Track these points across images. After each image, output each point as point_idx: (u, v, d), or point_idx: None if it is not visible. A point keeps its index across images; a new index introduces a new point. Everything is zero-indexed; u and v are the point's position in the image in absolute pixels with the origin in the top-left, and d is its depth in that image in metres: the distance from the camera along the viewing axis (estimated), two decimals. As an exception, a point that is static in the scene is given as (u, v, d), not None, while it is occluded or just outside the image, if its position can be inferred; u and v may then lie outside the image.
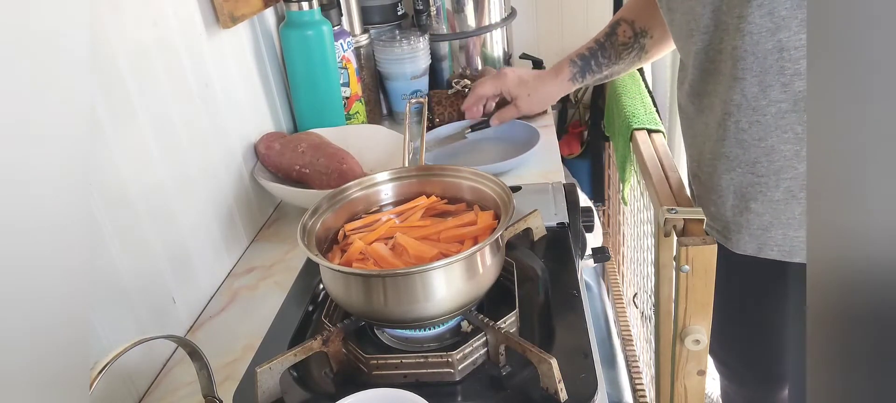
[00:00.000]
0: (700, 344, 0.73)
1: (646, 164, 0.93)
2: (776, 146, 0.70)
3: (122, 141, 0.69)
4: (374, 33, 1.34)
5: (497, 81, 1.11)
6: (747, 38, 0.66)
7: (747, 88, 0.69)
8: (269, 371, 0.57)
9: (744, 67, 0.68)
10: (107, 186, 0.66)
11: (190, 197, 0.82)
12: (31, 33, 0.29)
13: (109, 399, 0.64)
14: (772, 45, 0.65)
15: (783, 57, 0.65)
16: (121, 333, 0.66)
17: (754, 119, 0.70)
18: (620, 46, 0.95)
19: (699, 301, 0.71)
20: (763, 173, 0.72)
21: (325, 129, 1.08)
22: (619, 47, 0.95)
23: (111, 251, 0.66)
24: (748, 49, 0.67)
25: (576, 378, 0.55)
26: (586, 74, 1.00)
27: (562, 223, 0.80)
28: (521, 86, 1.08)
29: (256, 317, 0.78)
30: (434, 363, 0.58)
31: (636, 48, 0.94)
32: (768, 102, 0.68)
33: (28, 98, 0.29)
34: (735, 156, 0.74)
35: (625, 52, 0.96)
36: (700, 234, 0.71)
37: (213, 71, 0.90)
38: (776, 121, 0.69)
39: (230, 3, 0.93)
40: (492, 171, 0.78)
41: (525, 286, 0.70)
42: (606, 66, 0.98)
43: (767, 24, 0.64)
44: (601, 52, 0.97)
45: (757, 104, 0.69)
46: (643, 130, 1.09)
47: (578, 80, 1.01)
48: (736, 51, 0.68)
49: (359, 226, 0.69)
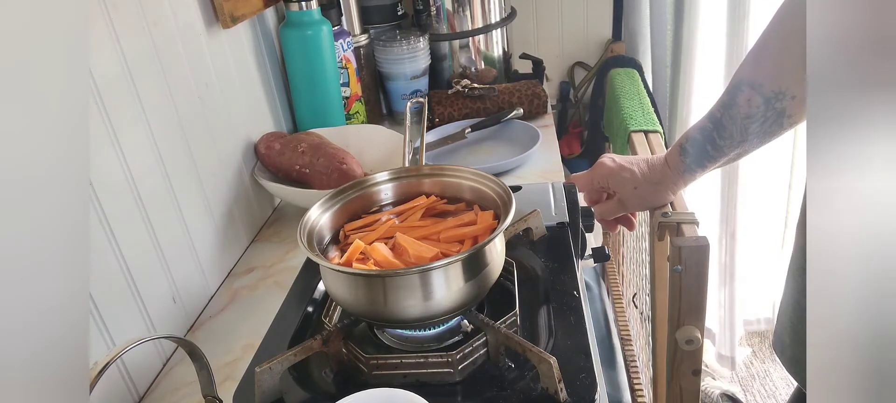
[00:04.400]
0: (694, 345, 0.73)
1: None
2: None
3: (123, 140, 0.69)
4: (374, 33, 1.34)
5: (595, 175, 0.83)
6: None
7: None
8: (269, 371, 0.57)
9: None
10: (107, 186, 0.66)
11: (190, 196, 0.82)
12: (32, 33, 0.29)
13: (109, 399, 0.64)
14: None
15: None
16: (121, 333, 0.66)
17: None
18: (745, 119, 0.67)
19: (692, 301, 0.71)
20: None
21: (325, 129, 1.08)
22: (744, 121, 0.67)
23: (111, 251, 0.66)
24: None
25: (576, 378, 0.56)
26: (705, 163, 0.72)
27: (562, 223, 0.80)
28: (626, 184, 0.80)
29: (256, 317, 0.78)
30: (434, 363, 0.58)
31: (771, 116, 0.65)
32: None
33: (28, 98, 0.29)
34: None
35: (754, 125, 0.67)
36: (693, 235, 0.71)
37: (213, 71, 0.90)
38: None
39: (230, 3, 0.93)
40: (492, 171, 0.78)
41: (525, 286, 0.70)
42: (730, 147, 0.69)
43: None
44: (718, 131, 0.69)
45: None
46: (640, 132, 1.09)
47: (695, 171, 0.74)
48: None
49: (359, 226, 0.69)
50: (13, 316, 0.28)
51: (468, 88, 1.27)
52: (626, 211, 0.80)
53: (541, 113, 1.28)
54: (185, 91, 0.82)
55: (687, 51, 1.43)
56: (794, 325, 0.74)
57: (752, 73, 0.66)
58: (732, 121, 0.68)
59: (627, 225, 0.85)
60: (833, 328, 0.34)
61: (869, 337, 0.33)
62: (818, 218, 0.34)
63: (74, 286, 0.31)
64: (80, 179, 0.32)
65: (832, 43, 0.34)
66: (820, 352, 0.35)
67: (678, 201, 0.78)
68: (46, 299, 0.30)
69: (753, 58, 0.66)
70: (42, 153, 0.29)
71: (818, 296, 0.35)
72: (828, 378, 0.34)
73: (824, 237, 0.34)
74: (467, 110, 1.25)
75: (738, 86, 0.67)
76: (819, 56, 0.34)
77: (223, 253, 0.89)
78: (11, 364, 0.28)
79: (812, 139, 0.35)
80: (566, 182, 0.88)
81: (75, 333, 0.31)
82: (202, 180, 0.85)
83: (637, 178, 0.77)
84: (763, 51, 0.65)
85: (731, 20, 1.36)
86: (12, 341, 0.28)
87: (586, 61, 1.73)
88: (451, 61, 1.39)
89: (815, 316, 0.35)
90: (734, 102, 0.67)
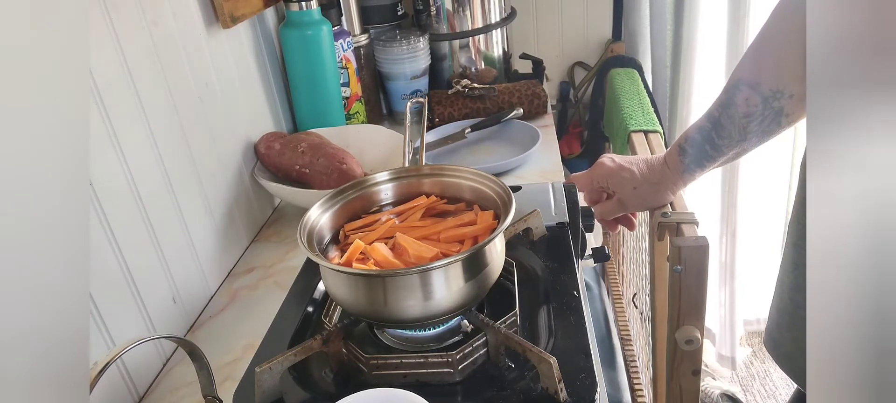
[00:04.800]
0: (694, 345, 0.73)
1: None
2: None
3: (123, 140, 0.69)
4: (374, 33, 1.34)
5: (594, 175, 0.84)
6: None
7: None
8: (269, 370, 0.57)
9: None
10: (107, 186, 0.66)
11: (190, 196, 0.82)
12: (32, 33, 0.29)
13: (109, 399, 0.64)
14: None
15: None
16: (121, 333, 0.66)
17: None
18: (743, 119, 0.67)
19: (692, 301, 0.71)
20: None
21: (325, 129, 1.08)
22: (742, 120, 0.67)
23: (111, 251, 0.66)
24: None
25: (576, 378, 0.56)
26: (704, 162, 0.73)
27: (562, 223, 0.80)
28: (626, 184, 0.80)
29: (256, 317, 0.78)
30: (434, 363, 0.58)
31: (769, 115, 0.66)
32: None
33: (28, 98, 0.29)
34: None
35: (752, 124, 0.67)
36: (693, 235, 0.71)
37: (213, 71, 0.90)
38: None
39: (230, 3, 0.93)
40: (492, 171, 0.78)
41: (525, 286, 0.70)
42: (729, 147, 0.70)
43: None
44: (716, 131, 0.70)
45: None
46: (640, 132, 1.09)
47: (694, 171, 0.74)
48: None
49: (359, 226, 0.69)
50: (13, 316, 0.28)
51: (468, 88, 1.27)
52: (625, 211, 0.80)
53: (541, 113, 1.28)
54: (185, 91, 0.82)
55: (687, 51, 1.43)
56: (788, 322, 0.74)
57: (750, 73, 0.66)
58: (731, 121, 0.68)
59: (628, 225, 0.85)
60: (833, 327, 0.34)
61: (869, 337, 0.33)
62: (818, 219, 0.34)
63: (74, 286, 0.31)
64: (80, 179, 0.32)
65: (832, 43, 0.34)
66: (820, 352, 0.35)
67: (678, 201, 0.78)
68: (47, 299, 0.30)
69: (751, 57, 0.66)
70: (42, 153, 0.29)
71: (818, 296, 0.35)
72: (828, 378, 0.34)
73: (824, 237, 0.34)
74: (467, 110, 1.25)
75: (736, 86, 0.67)
76: (819, 56, 0.34)
77: (223, 253, 0.89)
78: (12, 364, 0.28)
79: (812, 139, 0.35)
80: (566, 182, 0.88)
81: (75, 333, 0.31)
82: (202, 180, 0.85)
83: (636, 178, 0.77)
84: (761, 50, 0.65)
85: (731, 20, 1.36)
86: (13, 341, 0.28)
87: (586, 61, 1.73)
88: (451, 61, 1.39)
89: (815, 316, 0.35)
90: (732, 102, 0.68)
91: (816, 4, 0.34)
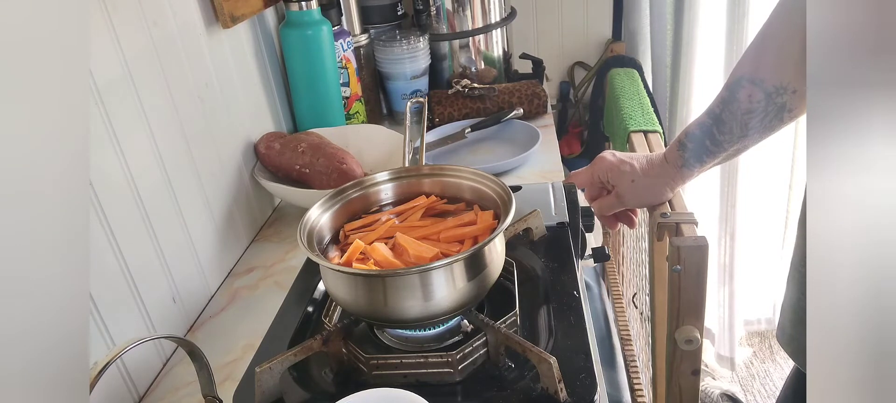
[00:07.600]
0: (693, 345, 0.73)
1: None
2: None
3: (123, 140, 0.69)
4: (374, 33, 1.34)
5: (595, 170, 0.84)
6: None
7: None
8: (269, 370, 0.57)
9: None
10: (107, 186, 0.66)
11: (190, 196, 0.82)
12: (32, 33, 0.29)
13: (109, 399, 0.64)
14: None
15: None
16: (121, 333, 0.66)
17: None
18: (745, 115, 0.67)
19: (691, 301, 0.71)
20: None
21: (325, 129, 1.08)
22: (744, 116, 0.67)
23: (111, 251, 0.66)
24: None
25: (576, 378, 0.56)
26: (704, 158, 0.73)
27: (562, 223, 0.80)
28: (624, 177, 0.81)
29: (256, 317, 0.78)
30: (434, 363, 0.58)
31: (772, 111, 0.66)
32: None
33: (28, 98, 0.29)
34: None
35: (754, 120, 0.67)
36: (692, 235, 0.71)
37: (213, 71, 0.90)
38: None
39: (230, 3, 0.93)
40: (492, 171, 0.78)
41: (525, 286, 0.70)
42: (729, 143, 0.70)
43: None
44: (717, 126, 0.70)
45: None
46: (640, 132, 1.09)
47: (693, 167, 0.74)
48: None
49: (359, 226, 0.69)
50: (14, 316, 0.28)
51: (468, 88, 1.27)
52: (623, 206, 0.80)
53: (541, 113, 1.28)
54: (185, 91, 0.82)
55: (687, 51, 1.43)
56: (803, 318, 0.73)
57: (753, 69, 0.66)
58: (732, 117, 0.68)
59: (628, 223, 0.85)
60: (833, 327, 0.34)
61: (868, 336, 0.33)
62: (818, 218, 0.34)
63: (74, 286, 0.31)
64: (80, 179, 0.32)
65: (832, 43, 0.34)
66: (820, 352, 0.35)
67: (677, 201, 0.78)
68: (47, 299, 0.30)
69: (753, 53, 0.66)
70: (42, 153, 0.29)
71: (818, 296, 0.35)
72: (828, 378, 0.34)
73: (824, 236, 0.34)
74: (467, 110, 1.25)
75: (738, 82, 0.67)
76: (819, 56, 0.34)
77: (223, 253, 0.89)
78: (12, 365, 0.28)
79: (812, 139, 0.35)
80: (565, 182, 0.89)
81: (75, 333, 0.31)
82: (202, 180, 0.85)
83: (636, 172, 0.77)
84: (763, 46, 0.65)
85: (731, 20, 1.36)
86: (13, 341, 0.28)
87: (586, 61, 1.73)
88: (451, 61, 1.39)
89: (815, 316, 0.35)
90: (734, 98, 0.67)
91: (816, 4, 0.34)
